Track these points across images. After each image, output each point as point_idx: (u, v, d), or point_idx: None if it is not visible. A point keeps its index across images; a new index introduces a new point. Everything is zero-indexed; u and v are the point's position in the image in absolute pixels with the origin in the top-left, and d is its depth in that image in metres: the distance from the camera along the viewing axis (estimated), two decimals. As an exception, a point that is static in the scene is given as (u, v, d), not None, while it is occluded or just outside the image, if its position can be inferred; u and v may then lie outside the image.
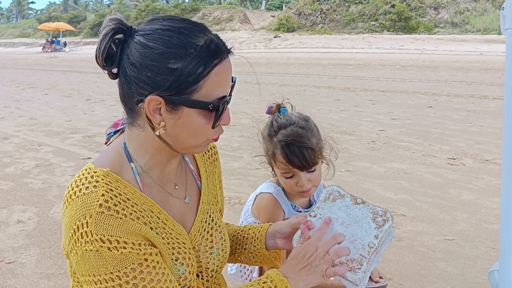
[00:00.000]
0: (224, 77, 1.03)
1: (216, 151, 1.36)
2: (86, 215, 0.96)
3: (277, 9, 46.70)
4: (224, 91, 1.04)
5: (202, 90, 1.00)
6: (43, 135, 6.69)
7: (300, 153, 1.68)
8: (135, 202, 1.03)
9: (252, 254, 1.39)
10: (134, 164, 1.09)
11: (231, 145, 5.85)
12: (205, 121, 1.03)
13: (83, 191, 0.99)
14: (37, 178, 4.57)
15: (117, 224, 0.97)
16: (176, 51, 0.97)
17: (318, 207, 1.27)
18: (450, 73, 14.57)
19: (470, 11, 30.80)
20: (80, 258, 0.97)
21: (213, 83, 1.00)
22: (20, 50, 43.70)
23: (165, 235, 1.08)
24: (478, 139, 6.01)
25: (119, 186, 1.02)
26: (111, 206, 0.98)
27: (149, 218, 1.05)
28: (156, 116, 1.01)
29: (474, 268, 2.73)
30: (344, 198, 1.26)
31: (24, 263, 2.83)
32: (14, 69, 21.31)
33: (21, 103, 10.22)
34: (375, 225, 1.17)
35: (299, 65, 19.03)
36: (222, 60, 1.01)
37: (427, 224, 3.38)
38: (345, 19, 33.67)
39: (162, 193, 1.13)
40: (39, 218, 3.54)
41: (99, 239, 0.95)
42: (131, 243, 0.98)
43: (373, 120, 7.44)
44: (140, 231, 1.00)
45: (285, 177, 1.78)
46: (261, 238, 1.38)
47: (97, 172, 1.02)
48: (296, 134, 1.70)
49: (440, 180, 4.37)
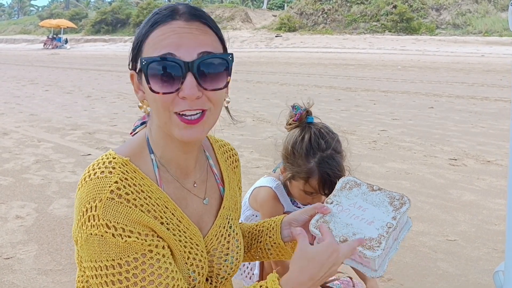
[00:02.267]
0: (167, 38, 0.96)
1: (238, 159, 1.35)
2: (96, 199, 0.95)
3: (279, 8, 46.67)
4: (165, 50, 0.95)
5: (142, 52, 0.99)
6: (43, 131, 6.67)
7: (333, 183, 1.66)
8: (149, 195, 1.01)
9: (268, 246, 1.35)
10: (154, 156, 1.07)
11: (232, 143, 5.79)
12: (156, 85, 0.96)
13: (98, 175, 0.98)
14: (37, 174, 4.55)
15: (126, 212, 0.95)
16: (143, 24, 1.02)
17: (334, 194, 1.27)
18: (452, 74, 14.55)
19: (472, 13, 30.78)
20: (85, 242, 0.96)
21: (149, 44, 0.98)
22: (21, 47, 43.68)
23: (178, 232, 1.05)
24: (479, 140, 5.99)
25: (136, 177, 1.01)
26: (122, 194, 0.96)
27: (162, 213, 1.03)
28: (139, 92, 1.04)
29: (476, 269, 2.71)
30: (361, 187, 1.26)
31: (22, 259, 2.81)
32: (15, 65, 21.30)
33: (21, 99, 10.20)
34: (393, 208, 1.17)
35: (300, 65, 19.00)
36: (164, 23, 0.97)
37: (428, 224, 3.36)
38: (347, 19, 33.66)
39: (180, 189, 1.10)
40: (38, 214, 3.52)
41: (105, 224, 0.93)
42: (137, 232, 0.96)
43: (374, 120, 7.42)
44: (148, 223, 0.98)
45: (305, 193, 1.78)
46: (276, 228, 1.34)
47: (116, 159, 1.01)
48: (334, 161, 1.71)
49: (441, 181, 4.35)
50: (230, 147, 1.35)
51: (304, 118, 1.78)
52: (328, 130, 1.78)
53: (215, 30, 1.03)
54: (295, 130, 1.79)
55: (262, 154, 5.31)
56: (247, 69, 16.94)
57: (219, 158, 1.27)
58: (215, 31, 1.03)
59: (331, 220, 1.19)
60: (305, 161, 1.72)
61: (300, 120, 1.78)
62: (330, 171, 1.69)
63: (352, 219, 1.17)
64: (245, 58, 21.89)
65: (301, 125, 1.78)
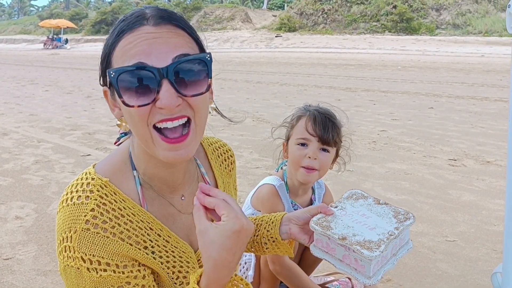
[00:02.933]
0: (135, 46, 0.88)
1: (234, 160, 1.29)
2: (71, 229, 0.92)
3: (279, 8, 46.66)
4: (136, 58, 0.87)
5: (111, 65, 0.91)
6: (43, 132, 6.67)
7: (325, 122, 1.81)
8: (129, 220, 0.97)
9: (264, 240, 1.32)
10: (136, 173, 1.02)
11: (231, 143, 5.82)
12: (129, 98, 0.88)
13: (74, 201, 0.94)
14: (36, 175, 4.55)
15: (102, 244, 0.92)
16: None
17: (340, 201, 1.28)
18: (452, 75, 14.55)
19: (472, 13, 30.77)
20: (63, 271, 0.95)
21: (117, 55, 0.90)
22: (22, 47, 43.68)
23: (165, 253, 1.02)
24: (479, 141, 5.99)
25: (115, 200, 0.96)
26: (98, 223, 0.92)
27: (146, 236, 0.99)
28: (116, 109, 0.97)
29: (475, 270, 2.71)
30: (367, 199, 1.27)
31: (21, 259, 2.81)
32: (15, 65, 21.29)
33: (21, 99, 10.20)
34: (396, 220, 1.17)
35: (300, 65, 19.00)
36: (132, 30, 0.89)
37: (427, 225, 3.36)
38: (347, 19, 33.65)
39: (166, 206, 1.05)
40: (37, 214, 3.52)
41: (80, 257, 0.91)
42: (115, 264, 0.93)
43: (374, 121, 7.42)
44: (128, 252, 0.95)
45: (299, 143, 1.83)
46: (276, 223, 1.31)
47: (95, 181, 0.97)
48: (327, 110, 1.88)
49: (441, 181, 4.35)
50: (225, 149, 1.29)
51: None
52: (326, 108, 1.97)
53: (188, 31, 0.94)
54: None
55: (262, 154, 5.31)
56: (247, 69, 16.93)
57: (212, 165, 1.22)
58: (188, 32, 0.94)
59: (332, 221, 1.19)
60: (298, 111, 1.92)
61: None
62: (321, 110, 1.86)
63: (354, 223, 1.17)
64: (245, 58, 21.90)
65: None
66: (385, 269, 1.13)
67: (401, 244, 1.17)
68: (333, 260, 1.16)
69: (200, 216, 0.92)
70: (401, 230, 1.14)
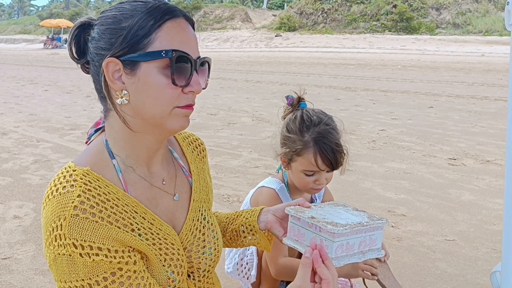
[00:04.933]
0: (179, 32, 0.99)
1: (204, 148, 1.33)
2: (60, 217, 0.92)
3: (279, 8, 46.67)
4: (180, 46, 0.98)
5: (155, 43, 0.97)
6: (42, 131, 6.66)
7: (332, 154, 1.72)
8: (115, 204, 0.99)
9: (242, 227, 1.35)
10: (116, 160, 1.04)
11: (231, 143, 5.82)
12: (164, 78, 0.97)
13: (60, 191, 0.95)
14: (35, 174, 4.54)
15: (92, 228, 0.93)
16: (128, 13, 0.99)
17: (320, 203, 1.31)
18: (452, 74, 14.55)
19: (472, 12, 30.78)
20: (53, 262, 0.94)
21: (166, 36, 0.97)
22: (21, 47, 43.69)
23: (151, 235, 1.03)
24: (479, 140, 5.98)
25: (99, 186, 0.98)
26: (86, 208, 0.93)
27: (132, 219, 1.00)
28: (117, 82, 0.99)
29: (474, 269, 2.70)
30: (347, 207, 1.30)
31: (19, 259, 2.80)
32: (15, 65, 21.30)
33: (21, 99, 10.20)
34: (369, 219, 1.20)
35: (300, 64, 18.99)
36: (175, 18, 1.00)
37: (427, 224, 3.35)
38: (347, 19, 33.65)
39: (149, 189, 1.08)
40: (36, 214, 3.51)
41: (71, 243, 0.91)
42: (106, 249, 0.94)
43: (374, 120, 7.41)
44: (117, 236, 0.96)
45: (305, 174, 1.79)
46: (255, 212, 1.35)
47: (76, 171, 0.98)
48: (329, 134, 1.75)
49: (440, 181, 4.35)
50: (194, 138, 1.32)
51: (296, 103, 1.86)
52: (320, 111, 1.85)
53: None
54: (289, 115, 1.87)
55: (261, 153, 5.31)
56: (246, 68, 16.93)
57: (185, 150, 1.25)
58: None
59: (307, 210, 1.22)
60: (300, 135, 1.77)
61: (293, 106, 1.86)
62: (326, 141, 1.73)
63: (327, 213, 1.21)
64: (245, 58, 21.90)
65: (295, 110, 1.86)
66: (349, 259, 1.14)
67: (372, 246, 1.19)
68: (301, 247, 1.18)
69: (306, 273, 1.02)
70: (371, 225, 1.16)
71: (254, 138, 6.14)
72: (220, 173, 4.52)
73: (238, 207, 3.35)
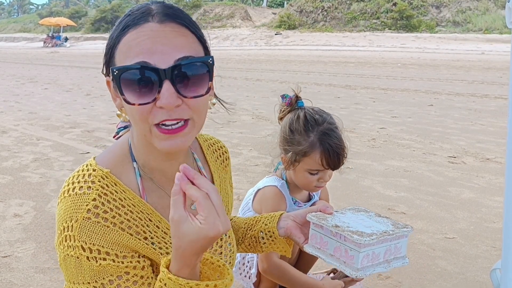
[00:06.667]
0: (139, 44, 0.88)
1: (228, 156, 1.30)
2: (72, 218, 0.93)
3: (279, 6, 46.61)
4: (140, 57, 0.88)
5: (115, 59, 0.92)
6: (42, 129, 6.66)
7: (337, 154, 1.75)
8: (130, 210, 0.98)
9: (262, 234, 1.32)
10: (136, 164, 1.03)
11: (231, 141, 5.82)
12: (131, 96, 0.89)
13: (76, 191, 0.95)
14: (35, 172, 4.54)
15: (102, 233, 0.93)
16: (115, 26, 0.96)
17: (342, 208, 1.30)
18: (451, 72, 14.54)
19: (472, 10, 30.74)
20: (62, 261, 0.95)
21: (122, 50, 0.90)
22: (21, 45, 43.65)
23: (164, 244, 1.02)
24: (479, 138, 5.98)
25: (116, 191, 0.97)
26: (99, 213, 0.93)
27: (145, 227, 1.00)
28: (115, 99, 0.98)
29: (474, 267, 2.71)
30: (369, 213, 1.28)
31: (20, 257, 2.80)
32: (15, 63, 21.27)
33: (20, 97, 10.19)
34: (393, 226, 1.18)
35: (300, 63, 18.98)
36: (137, 25, 0.90)
37: (427, 222, 3.35)
38: (347, 17, 33.61)
39: (165, 198, 1.05)
40: (36, 212, 3.52)
41: (80, 246, 0.92)
42: (114, 254, 0.94)
43: (374, 118, 7.41)
44: (128, 242, 0.96)
45: (310, 173, 1.80)
46: (274, 218, 1.32)
47: (96, 171, 0.98)
48: (334, 133, 1.78)
49: (440, 179, 4.34)
50: (219, 145, 1.29)
51: (294, 102, 1.87)
52: (320, 109, 1.87)
53: (193, 30, 0.94)
54: (288, 115, 1.87)
55: (261, 152, 5.30)
56: (246, 67, 16.91)
57: (208, 159, 1.22)
58: (193, 31, 0.94)
59: (329, 217, 1.20)
60: (305, 136, 1.78)
61: (291, 105, 1.87)
62: (331, 141, 1.76)
63: (351, 221, 1.18)
64: (245, 56, 21.88)
65: (293, 110, 1.86)
66: (375, 269, 1.13)
67: (396, 254, 1.17)
68: (324, 255, 1.17)
69: (177, 202, 0.86)
70: (396, 233, 1.14)
71: (254, 136, 6.13)
72: (220, 171, 4.52)
73: (238, 205, 3.35)
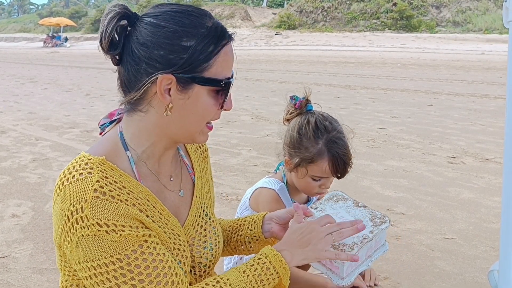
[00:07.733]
0: (230, 57, 1.06)
1: (207, 148, 1.37)
2: (80, 200, 0.94)
3: (279, 6, 46.57)
4: (230, 72, 1.06)
5: (212, 68, 1.02)
6: (41, 130, 6.65)
7: (344, 163, 1.75)
8: (131, 190, 1.02)
9: (248, 239, 1.37)
10: (130, 152, 1.07)
11: (230, 141, 5.81)
12: (213, 101, 1.04)
13: (77, 177, 0.97)
14: (34, 172, 4.54)
15: (113, 208, 0.96)
16: (188, 30, 1.00)
17: (320, 203, 1.32)
18: (451, 72, 14.52)
19: (472, 10, 30.73)
20: (76, 244, 0.95)
21: (222, 62, 1.03)
22: (21, 45, 43.65)
23: (162, 224, 1.07)
24: (478, 138, 5.97)
25: (114, 175, 1.01)
26: (106, 191, 0.96)
27: (146, 206, 1.04)
28: (166, 96, 1.02)
29: (473, 268, 2.70)
30: (347, 201, 1.31)
31: (17, 257, 2.80)
32: (15, 63, 21.27)
33: (20, 97, 10.19)
34: (372, 223, 1.22)
35: (300, 63, 18.97)
36: (228, 43, 1.05)
37: (426, 222, 3.35)
38: (347, 17, 33.59)
39: (158, 183, 1.12)
40: (34, 212, 3.51)
41: (95, 223, 0.93)
42: (129, 226, 0.97)
43: (373, 118, 7.40)
44: (136, 216, 0.99)
45: (313, 179, 1.79)
46: (258, 222, 1.37)
47: (92, 160, 1.01)
48: (342, 142, 1.77)
49: (439, 179, 4.34)
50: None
51: (304, 105, 1.83)
52: (329, 116, 1.86)
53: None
54: (297, 118, 1.83)
55: (261, 152, 5.30)
56: (246, 67, 16.89)
57: (188, 149, 1.29)
58: None
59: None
60: (314, 142, 1.75)
61: (301, 108, 1.83)
62: (339, 150, 1.74)
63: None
64: (245, 56, 21.86)
65: (302, 113, 1.83)
66: (359, 270, 1.17)
67: (377, 246, 1.21)
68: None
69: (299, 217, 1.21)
70: (376, 234, 1.17)
71: (253, 136, 6.13)
72: (219, 172, 4.52)
73: (236, 205, 3.34)
